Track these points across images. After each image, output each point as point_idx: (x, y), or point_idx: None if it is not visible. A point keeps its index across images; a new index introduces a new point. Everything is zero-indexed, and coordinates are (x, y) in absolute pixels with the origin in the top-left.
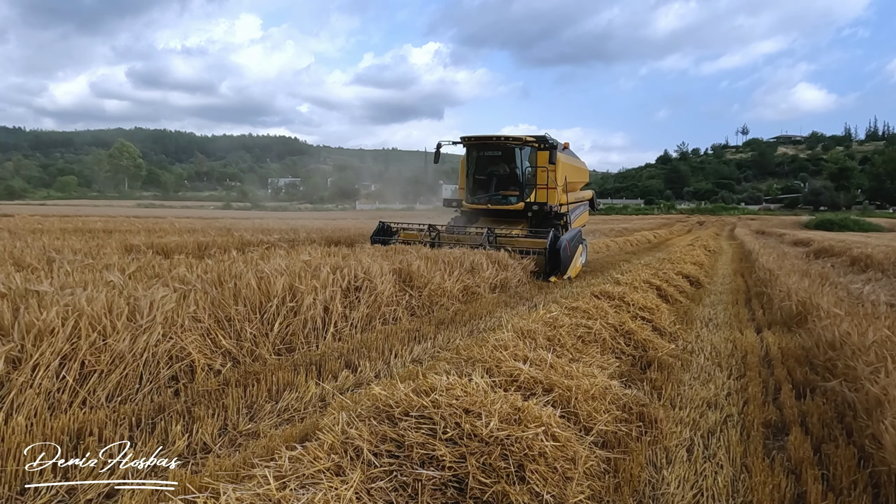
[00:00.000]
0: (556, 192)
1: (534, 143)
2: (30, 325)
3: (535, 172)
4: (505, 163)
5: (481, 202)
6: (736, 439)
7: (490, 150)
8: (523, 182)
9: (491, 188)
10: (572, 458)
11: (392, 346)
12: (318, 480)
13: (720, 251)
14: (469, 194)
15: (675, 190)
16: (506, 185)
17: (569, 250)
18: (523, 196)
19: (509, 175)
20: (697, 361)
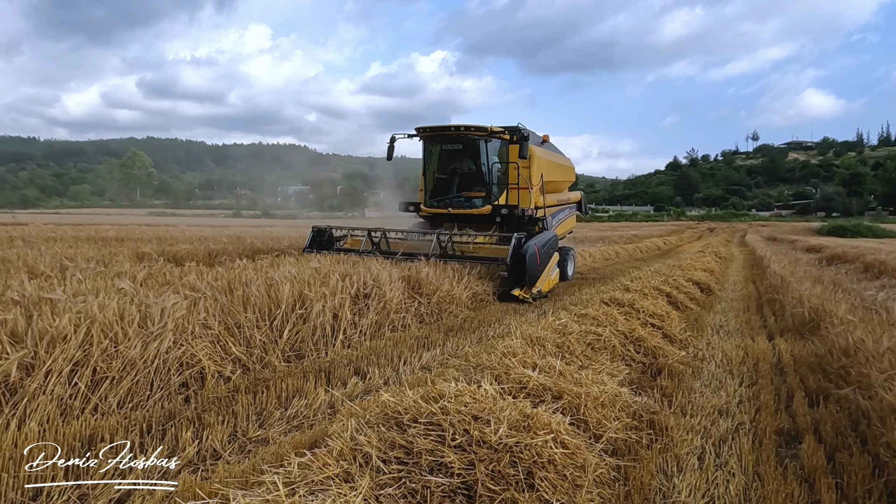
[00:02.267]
0: (531, 193)
1: (503, 135)
2: (43, 331)
3: (507, 170)
4: (469, 158)
5: (441, 206)
6: (748, 447)
7: (450, 143)
8: (490, 181)
9: (452, 189)
10: (582, 466)
11: (401, 353)
12: (328, 487)
13: (731, 258)
14: (428, 196)
15: (685, 196)
16: (470, 185)
17: (538, 258)
18: (490, 198)
19: (474, 173)
20: (708, 369)
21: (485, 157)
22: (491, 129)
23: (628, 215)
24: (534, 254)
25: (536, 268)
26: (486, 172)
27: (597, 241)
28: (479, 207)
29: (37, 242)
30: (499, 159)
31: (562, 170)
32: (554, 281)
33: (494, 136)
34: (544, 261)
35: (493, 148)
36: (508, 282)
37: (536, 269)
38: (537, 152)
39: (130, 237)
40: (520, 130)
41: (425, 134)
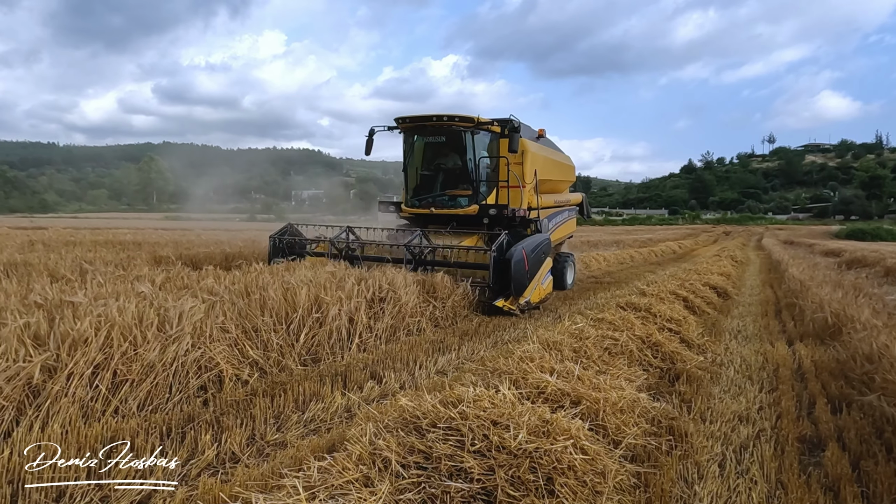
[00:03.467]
0: (523, 192)
1: (491, 127)
2: (65, 334)
3: (497, 166)
4: (454, 152)
5: (424, 205)
6: (770, 454)
7: (433, 136)
8: (476, 177)
9: (436, 186)
10: (602, 472)
11: (416, 357)
12: (347, 491)
13: (747, 262)
14: (410, 195)
15: (700, 200)
16: (455, 183)
17: (526, 263)
18: (477, 196)
19: (460, 169)
20: (727, 374)
21: (471, 150)
22: (478, 120)
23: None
24: (520, 259)
25: (523, 275)
26: (472, 168)
27: (611, 245)
28: (465, 207)
29: (56, 246)
30: (488, 154)
31: (560, 168)
32: (546, 290)
33: (482, 128)
34: (533, 267)
35: (480, 141)
36: (492, 290)
37: (523, 277)
38: (531, 147)
39: (147, 241)
40: (510, 121)
41: (405, 125)
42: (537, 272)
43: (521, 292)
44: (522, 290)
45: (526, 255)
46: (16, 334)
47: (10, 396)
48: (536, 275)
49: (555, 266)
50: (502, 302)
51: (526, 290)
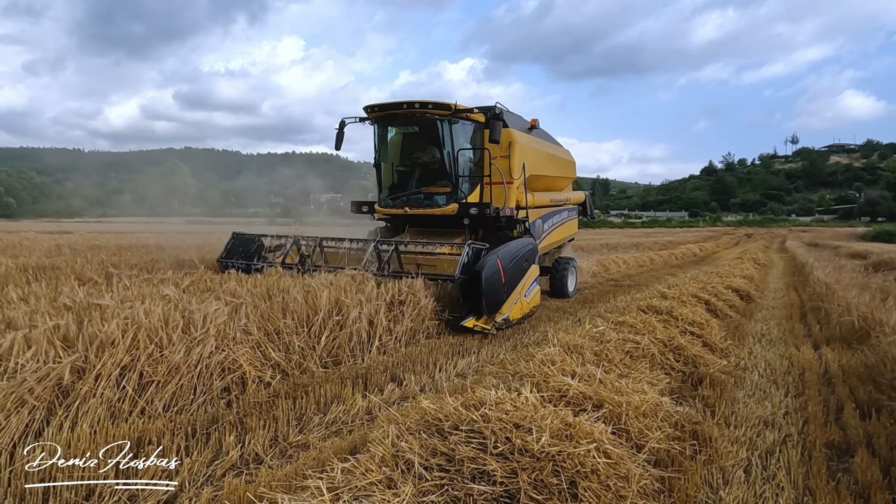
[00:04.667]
0: (510, 189)
1: (471, 115)
2: (93, 336)
3: (482, 159)
4: (431, 145)
5: (397, 205)
6: (797, 460)
7: (405, 126)
8: (455, 173)
9: (411, 184)
10: (625, 476)
11: (436, 360)
12: (371, 493)
13: (771, 264)
14: (384, 194)
15: (721, 202)
16: (432, 179)
17: (502, 275)
18: (457, 194)
19: (438, 163)
20: (751, 378)
21: (448, 142)
22: (455, 108)
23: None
24: (494, 272)
25: (498, 290)
26: (450, 162)
27: (630, 248)
28: (443, 206)
29: (83, 250)
30: (471, 146)
31: (556, 163)
32: (531, 303)
33: (460, 117)
34: (512, 279)
35: (460, 132)
36: (465, 307)
37: (498, 292)
38: (519, 138)
39: (170, 244)
40: (492, 109)
41: (375, 114)
42: (518, 283)
43: (494, 309)
44: (497, 306)
45: (502, 265)
46: (46, 336)
47: (41, 396)
48: (517, 287)
49: (554, 272)
50: (473, 321)
51: (504, 306)
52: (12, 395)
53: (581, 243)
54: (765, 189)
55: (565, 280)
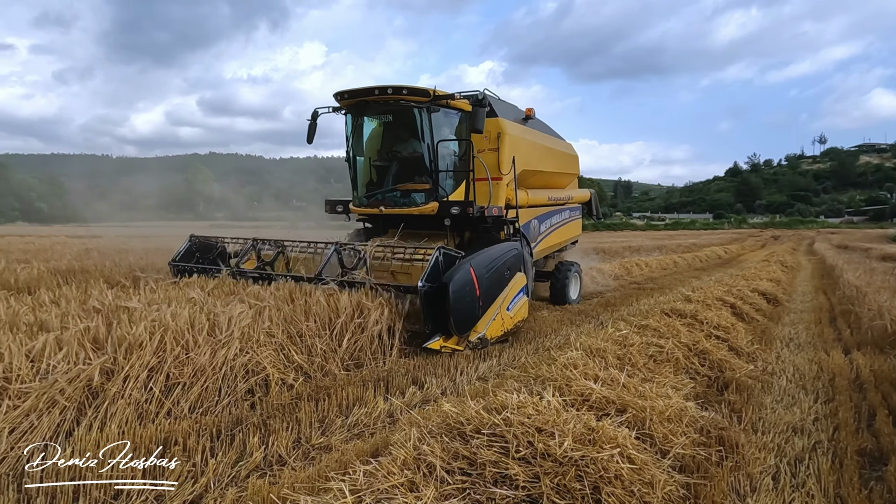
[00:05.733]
0: (498, 186)
1: (453, 102)
2: (121, 338)
3: (467, 151)
4: (411, 136)
5: (371, 204)
6: (827, 468)
7: (380, 115)
8: (435, 167)
9: (387, 180)
10: (650, 482)
11: (457, 363)
12: (393, 496)
13: (798, 267)
14: (359, 192)
15: (747, 203)
16: (410, 174)
17: (476, 288)
18: (437, 191)
19: (417, 157)
20: (779, 383)
21: (427, 133)
22: (434, 94)
23: (686, 223)
24: (466, 284)
25: (470, 305)
26: (429, 155)
27: (653, 250)
28: (421, 205)
29: (110, 254)
30: (456, 138)
31: (555, 157)
32: (516, 317)
33: (440, 104)
34: (490, 291)
35: (441, 121)
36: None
37: (470, 308)
38: (509, 129)
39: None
40: (475, 96)
41: (346, 101)
42: (498, 296)
43: (466, 328)
44: (469, 324)
45: (476, 276)
46: (77, 338)
47: (71, 397)
48: (496, 300)
49: (555, 277)
50: (440, 342)
51: (479, 323)
52: (44, 395)
53: (603, 246)
54: (792, 190)
55: (567, 286)
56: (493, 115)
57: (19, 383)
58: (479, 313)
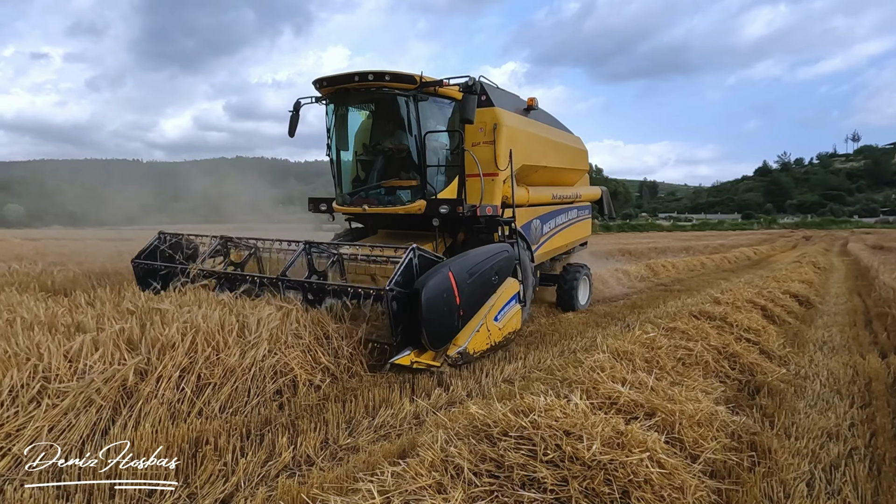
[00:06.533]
0: (493, 183)
1: (441, 89)
2: (154, 339)
3: (459, 143)
4: (397, 128)
5: (355, 202)
6: (864, 475)
7: (362, 105)
8: (422, 161)
9: (372, 176)
10: (680, 487)
11: (482, 366)
12: (421, 497)
13: (831, 268)
14: (342, 188)
15: (777, 203)
16: (396, 170)
17: (456, 295)
18: (425, 188)
19: (405, 151)
20: (813, 388)
21: (414, 123)
22: (421, 80)
23: (713, 224)
24: (442, 291)
25: (447, 316)
26: (416, 148)
27: (680, 252)
28: (407, 204)
29: None
30: (448, 129)
31: (560, 151)
32: (507, 328)
33: (428, 92)
34: (473, 300)
35: (430, 111)
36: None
37: (447, 319)
38: (507, 119)
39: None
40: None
41: (325, 89)
42: (483, 305)
43: (441, 342)
44: (446, 338)
45: (456, 282)
46: (112, 339)
47: (107, 396)
48: (481, 309)
49: (562, 281)
50: (412, 356)
51: (459, 336)
52: (81, 394)
53: (629, 247)
54: (824, 189)
55: (575, 291)
56: (489, 105)
57: (58, 383)
58: (459, 324)
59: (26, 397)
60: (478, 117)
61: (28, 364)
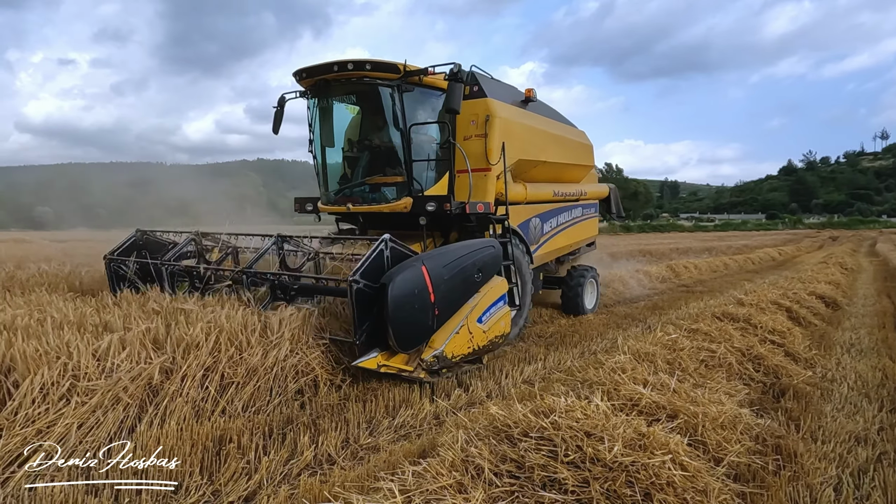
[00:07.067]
0: (486, 179)
1: (427, 79)
2: (179, 339)
3: (448, 136)
4: (382, 121)
5: (339, 201)
6: (894, 480)
7: (343, 96)
8: (408, 156)
9: (357, 172)
10: (704, 490)
11: (502, 366)
12: (442, 497)
13: (859, 269)
14: (325, 187)
15: (802, 203)
16: (381, 166)
17: (431, 293)
18: (411, 185)
19: (390, 145)
20: (840, 391)
21: (399, 116)
22: (405, 69)
23: (737, 224)
24: (414, 286)
25: (419, 314)
26: (400, 142)
27: (702, 252)
28: (392, 201)
29: None
30: (438, 121)
31: (561, 146)
32: (493, 331)
33: (413, 82)
34: (451, 298)
35: (420, 102)
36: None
37: (418, 318)
38: (500, 111)
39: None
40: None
41: (305, 81)
42: (463, 304)
43: (412, 344)
44: (417, 338)
45: (430, 277)
46: (138, 338)
47: (133, 395)
48: (462, 309)
49: (566, 284)
50: (379, 359)
51: (435, 337)
52: (109, 392)
53: (650, 248)
54: (851, 189)
55: (580, 294)
56: (482, 95)
57: (87, 381)
58: (434, 324)
59: (56, 395)
60: (469, 109)
61: (58, 362)
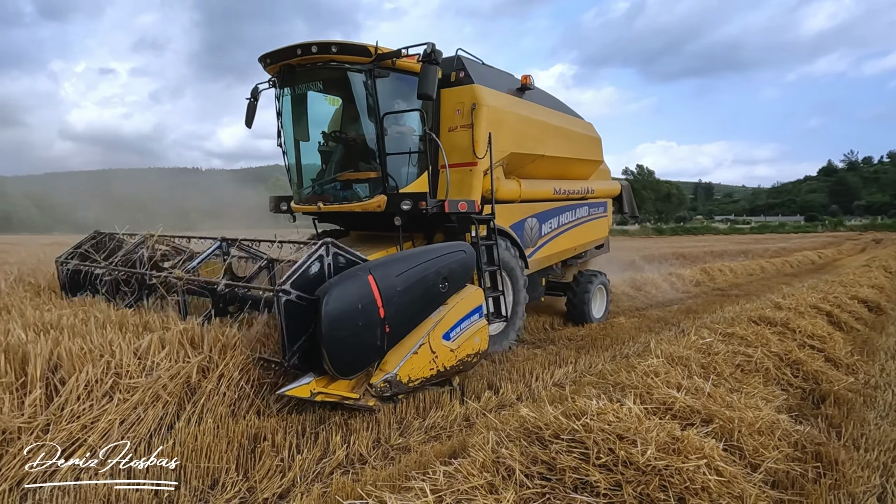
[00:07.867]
0: (471, 174)
1: (406, 63)
2: (215, 339)
3: (427, 125)
4: (353, 110)
5: (309, 199)
6: None
7: (310, 83)
8: (381, 149)
9: (329, 168)
10: (740, 497)
11: (532, 369)
12: (473, 497)
13: None
14: (298, 184)
15: (843, 204)
16: (354, 160)
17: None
18: (386, 181)
19: (362, 138)
20: (884, 398)
21: (371, 104)
22: (377, 52)
23: (774, 226)
24: (356, 300)
25: (363, 333)
26: (373, 134)
27: (738, 255)
28: (364, 200)
29: None
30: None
31: (564, 138)
32: (466, 348)
33: (386, 66)
34: (406, 313)
35: (396, 90)
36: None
37: (362, 337)
38: (488, 99)
39: None
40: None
41: (271, 68)
42: (422, 321)
43: (355, 368)
44: (361, 362)
45: (379, 288)
46: (177, 338)
47: (173, 392)
48: (421, 326)
49: (572, 290)
50: (312, 385)
51: (386, 360)
52: (149, 390)
53: (683, 250)
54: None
55: (587, 301)
56: (468, 82)
57: (128, 378)
58: (385, 344)
59: (100, 391)
60: (455, 97)
61: (101, 360)
